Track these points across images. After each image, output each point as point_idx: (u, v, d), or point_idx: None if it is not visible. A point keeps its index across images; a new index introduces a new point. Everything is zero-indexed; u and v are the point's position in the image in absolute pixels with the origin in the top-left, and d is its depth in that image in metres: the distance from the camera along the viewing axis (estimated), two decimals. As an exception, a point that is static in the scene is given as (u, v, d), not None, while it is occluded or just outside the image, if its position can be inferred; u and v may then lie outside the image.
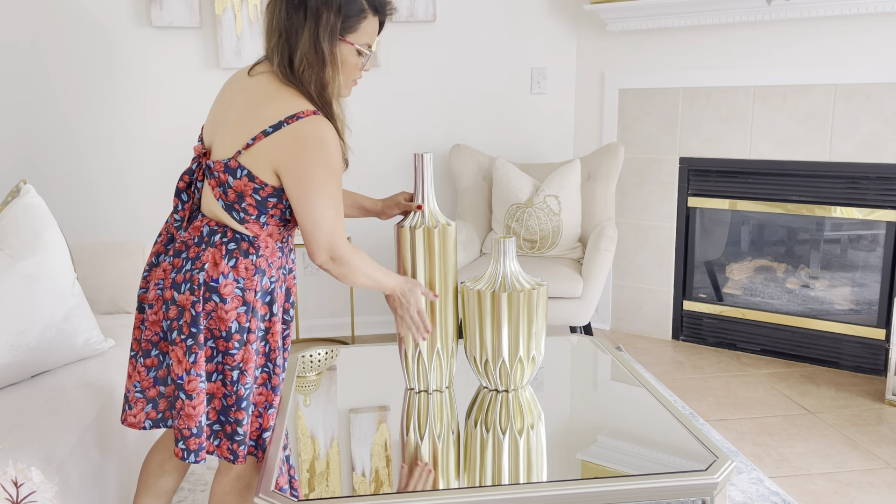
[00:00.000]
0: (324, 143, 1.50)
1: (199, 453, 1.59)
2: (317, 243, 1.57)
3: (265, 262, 1.60)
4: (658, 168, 3.73)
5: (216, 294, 1.55)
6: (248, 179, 1.53)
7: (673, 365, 3.50)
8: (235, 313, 1.56)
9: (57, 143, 3.56)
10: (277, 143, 1.50)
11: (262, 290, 1.60)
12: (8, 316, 1.90)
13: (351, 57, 1.58)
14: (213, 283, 1.55)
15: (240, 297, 1.56)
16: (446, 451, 1.64)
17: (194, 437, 1.58)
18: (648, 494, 1.48)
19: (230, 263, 1.56)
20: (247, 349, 1.58)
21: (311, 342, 3.85)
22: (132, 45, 3.53)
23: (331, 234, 1.57)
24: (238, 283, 1.56)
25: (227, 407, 1.59)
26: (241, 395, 1.58)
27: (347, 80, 1.61)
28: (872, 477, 2.49)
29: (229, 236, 1.58)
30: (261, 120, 1.51)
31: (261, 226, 1.58)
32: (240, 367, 1.58)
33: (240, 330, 1.57)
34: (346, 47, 1.56)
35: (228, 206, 1.57)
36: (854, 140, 3.23)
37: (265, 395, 1.65)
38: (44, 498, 1.08)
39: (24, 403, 1.86)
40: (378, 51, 3.69)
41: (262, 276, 1.60)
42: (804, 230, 3.58)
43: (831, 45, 3.23)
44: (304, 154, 1.49)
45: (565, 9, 3.86)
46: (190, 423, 1.57)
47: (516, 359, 1.83)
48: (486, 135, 3.91)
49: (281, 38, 1.53)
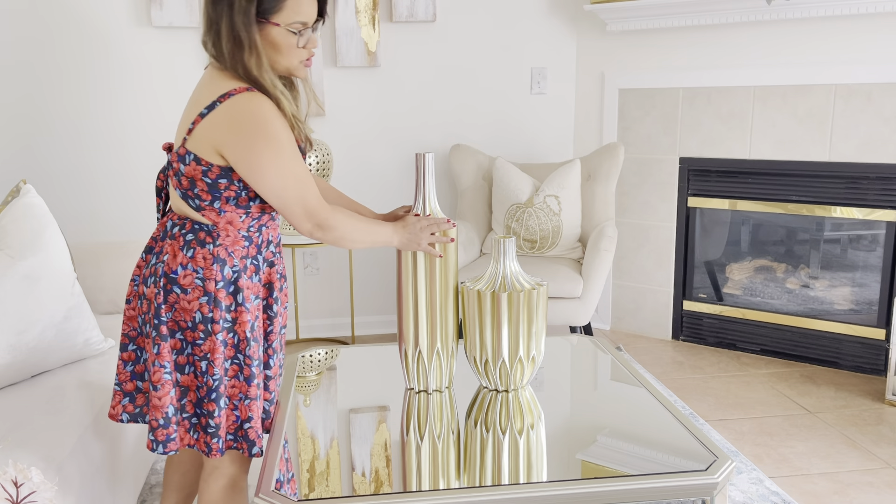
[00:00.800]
0: (258, 115, 1.50)
1: (167, 444, 1.61)
2: (291, 215, 1.57)
3: (224, 251, 1.60)
4: (658, 168, 3.73)
5: (176, 285, 1.57)
6: (195, 164, 1.54)
7: (673, 365, 3.50)
8: (198, 303, 1.57)
9: (57, 143, 3.56)
10: (214, 122, 1.51)
11: (224, 280, 1.59)
12: (8, 316, 1.90)
13: (282, 38, 1.55)
14: (173, 275, 1.57)
15: (200, 287, 1.57)
16: (446, 451, 1.64)
17: (161, 429, 1.60)
18: (648, 494, 1.47)
19: (188, 254, 1.58)
20: (212, 339, 1.58)
21: (311, 342, 3.85)
22: (132, 45, 3.53)
23: (302, 202, 1.56)
24: (197, 273, 1.57)
25: (201, 399, 1.61)
26: (210, 386, 1.59)
27: (290, 61, 1.58)
28: (872, 477, 2.49)
29: (188, 228, 1.59)
30: (198, 104, 1.54)
31: (217, 212, 1.58)
32: (207, 357, 1.59)
33: (203, 320, 1.58)
34: (273, 29, 1.54)
35: (185, 195, 1.58)
36: (854, 140, 3.23)
37: (238, 386, 1.64)
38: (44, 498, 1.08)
39: (24, 403, 1.86)
40: (378, 50, 3.69)
41: (223, 266, 1.59)
42: (804, 230, 3.58)
43: (831, 45, 3.23)
44: (241, 129, 1.50)
45: (565, 9, 3.86)
46: (157, 414, 1.60)
47: (516, 359, 1.83)
48: (486, 135, 3.91)
49: (211, 27, 1.55)
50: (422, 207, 1.81)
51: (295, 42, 1.56)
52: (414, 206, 1.84)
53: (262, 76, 1.53)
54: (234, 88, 1.51)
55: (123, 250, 2.66)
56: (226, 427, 1.64)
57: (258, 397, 1.66)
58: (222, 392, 1.61)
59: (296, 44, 1.57)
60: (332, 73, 3.72)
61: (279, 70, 1.59)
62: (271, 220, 1.69)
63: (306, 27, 1.56)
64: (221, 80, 1.54)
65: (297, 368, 2.12)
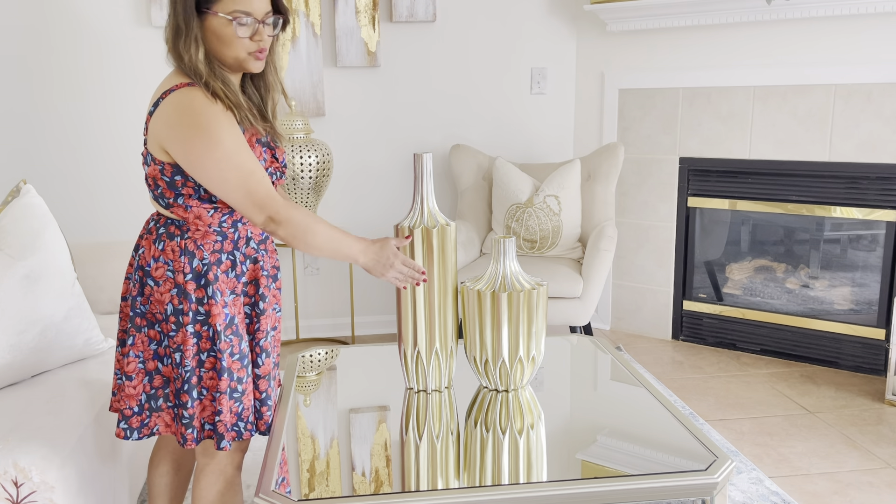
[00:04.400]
0: (192, 108, 1.51)
1: (141, 430, 1.67)
2: (240, 207, 1.55)
3: (193, 243, 1.61)
4: (658, 168, 3.73)
5: (150, 278, 1.62)
6: (153, 164, 1.58)
7: (673, 365, 3.50)
8: (169, 296, 1.61)
9: (57, 143, 3.56)
10: (157, 120, 1.54)
11: (192, 272, 1.61)
12: (8, 316, 1.90)
13: (224, 28, 1.54)
14: (147, 268, 1.62)
15: (171, 279, 1.61)
16: (446, 451, 1.64)
17: (136, 416, 1.66)
18: (648, 494, 1.47)
19: (159, 247, 1.61)
20: (183, 331, 1.60)
21: (311, 342, 3.85)
22: (132, 45, 3.53)
23: (247, 193, 1.54)
24: (168, 265, 1.61)
25: (178, 390, 1.64)
26: (183, 377, 1.62)
27: (237, 52, 1.56)
28: (872, 477, 2.49)
29: (161, 223, 1.64)
30: (150, 103, 1.58)
31: (184, 208, 1.60)
32: (179, 349, 1.61)
33: (174, 312, 1.61)
34: (214, 19, 1.54)
35: (153, 195, 1.62)
36: (854, 140, 3.23)
37: (214, 378, 1.64)
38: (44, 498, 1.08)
39: (24, 403, 1.86)
40: (378, 50, 3.69)
41: (192, 258, 1.61)
42: (804, 230, 3.58)
43: (831, 45, 3.23)
44: (177, 124, 1.52)
45: (565, 9, 3.86)
46: (132, 402, 1.66)
47: (516, 359, 1.83)
48: (486, 135, 3.91)
49: (168, 19, 1.58)
50: (420, 207, 1.81)
51: (235, 32, 1.54)
52: (413, 207, 1.84)
53: (197, 65, 1.53)
54: (176, 85, 1.54)
55: (123, 250, 2.66)
56: (200, 418, 1.65)
57: (232, 393, 1.66)
58: (194, 384, 1.63)
59: (237, 34, 1.54)
60: (332, 73, 3.72)
61: (228, 62, 1.58)
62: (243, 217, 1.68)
63: (249, 16, 1.54)
64: (171, 77, 1.58)
65: (297, 368, 2.12)
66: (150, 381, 1.67)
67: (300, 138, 3.41)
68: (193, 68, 1.54)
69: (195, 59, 1.54)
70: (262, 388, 1.75)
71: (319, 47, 3.66)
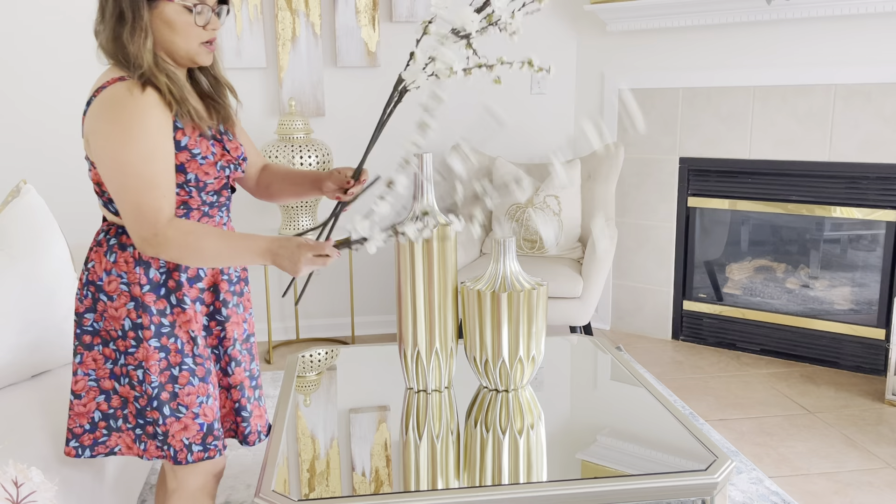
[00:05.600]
0: (118, 105, 1.39)
1: (95, 447, 1.58)
2: (126, 223, 1.43)
3: None
4: (658, 168, 3.73)
5: (103, 293, 1.51)
6: (93, 168, 1.47)
7: (673, 365, 3.50)
8: (125, 310, 1.50)
9: (57, 142, 3.56)
10: (88, 120, 1.44)
11: (150, 283, 1.50)
12: (8, 316, 1.90)
13: (177, 16, 1.43)
14: (99, 282, 1.51)
15: (126, 292, 1.50)
16: (446, 451, 1.63)
17: (87, 433, 1.57)
18: (648, 494, 1.48)
19: (111, 259, 1.50)
20: (144, 346, 1.50)
21: (311, 342, 3.85)
22: (132, 45, 3.53)
23: (136, 209, 1.40)
24: (121, 278, 1.50)
25: (142, 408, 1.53)
26: (150, 394, 1.51)
27: (189, 43, 1.45)
28: (872, 477, 2.49)
29: (112, 233, 1.52)
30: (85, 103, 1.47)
31: None
32: (141, 366, 1.50)
33: (133, 327, 1.50)
34: (167, 7, 1.42)
35: (100, 200, 1.52)
36: (854, 140, 3.23)
37: (194, 391, 1.54)
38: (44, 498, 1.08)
39: (24, 403, 1.86)
40: (378, 50, 3.69)
41: (147, 268, 1.50)
42: (804, 230, 3.58)
43: (831, 45, 3.23)
44: (99, 122, 1.41)
45: (565, 9, 3.86)
46: (81, 420, 1.57)
47: (516, 359, 1.83)
48: (486, 135, 3.91)
49: (103, 12, 1.44)
50: (420, 208, 1.81)
51: (192, 20, 1.44)
52: (412, 207, 1.84)
53: (139, 55, 1.40)
54: (108, 81, 1.42)
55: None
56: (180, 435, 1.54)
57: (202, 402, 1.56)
58: (165, 400, 1.52)
59: (192, 22, 1.44)
60: (332, 73, 3.72)
61: (179, 55, 1.47)
62: (204, 216, 1.55)
63: (203, 4, 1.44)
64: (105, 73, 1.46)
65: (297, 368, 2.12)
66: (108, 400, 1.56)
67: (300, 138, 3.41)
68: (136, 60, 1.40)
69: (142, 49, 1.40)
70: (236, 398, 1.66)
71: (319, 47, 3.66)
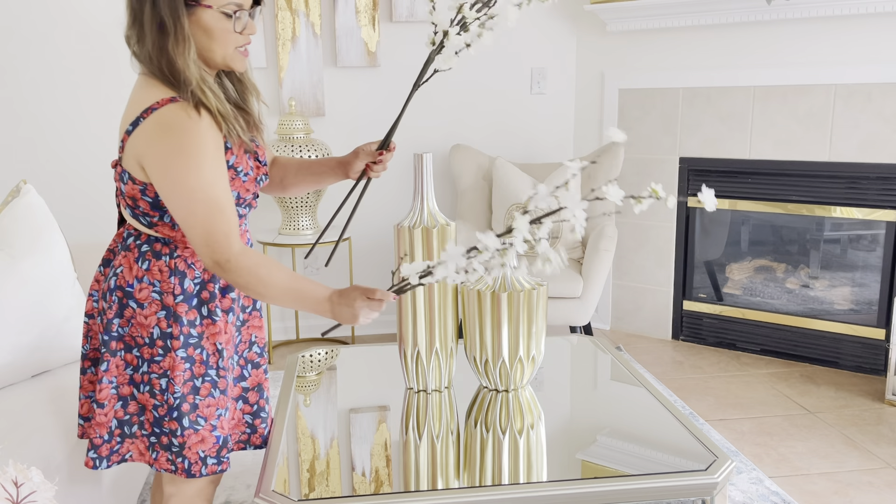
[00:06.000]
0: (177, 129, 1.37)
1: (110, 458, 1.53)
2: (194, 245, 1.41)
3: (183, 262, 1.49)
4: (658, 168, 3.73)
5: (132, 300, 1.48)
6: (132, 183, 1.44)
7: (673, 365, 3.50)
8: (155, 318, 1.48)
9: (57, 142, 3.56)
10: (137, 139, 1.40)
11: (184, 293, 1.48)
12: (8, 316, 1.90)
13: (216, 22, 1.40)
14: (129, 289, 1.48)
15: (158, 301, 1.48)
16: (446, 451, 1.63)
17: (105, 444, 1.52)
18: (648, 494, 1.47)
19: (143, 266, 1.48)
20: (171, 356, 1.48)
21: (311, 342, 3.85)
22: (132, 45, 3.53)
23: (206, 234, 1.39)
24: (154, 286, 1.48)
25: (160, 417, 1.50)
26: (171, 404, 1.49)
27: (225, 49, 1.43)
28: (872, 477, 2.49)
29: (143, 239, 1.49)
30: (126, 118, 1.43)
31: (170, 226, 1.47)
32: (167, 374, 1.48)
33: (162, 336, 1.48)
34: (205, 13, 1.39)
35: (133, 213, 1.48)
36: (854, 140, 3.23)
37: (213, 403, 1.53)
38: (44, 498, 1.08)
39: (24, 403, 1.86)
40: (378, 50, 3.69)
41: (182, 278, 1.48)
42: (804, 230, 3.58)
43: (831, 45, 3.23)
44: (158, 146, 1.38)
45: (565, 9, 3.86)
46: (101, 430, 1.51)
47: (516, 359, 1.83)
48: (486, 135, 3.91)
49: (135, 21, 1.41)
50: (420, 207, 1.81)
51: (230, 26, 1.42)
52: (413, 207, 1.83)
53: (188, 68, 1.38)
54: (157, 101, 1.38)
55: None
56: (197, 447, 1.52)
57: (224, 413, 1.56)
58: (186, 411, 1.50)
59: (231, 28, 1.42)
60: (332, 73, 3.72)
61: (215, 61, 1.45)
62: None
63: (241, 9, 1.42)
64: (148, 89, 1.41)
65: (297, 368, 2.12)
66: (124, 406, 1.53)
67: (300, 138, 3.41)
68: (185, 75, 1.38)
69: (188, 61, 1.38)
70: (253, 401, 1.66)
71: (319, 47, 3.66)
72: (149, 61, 1.41)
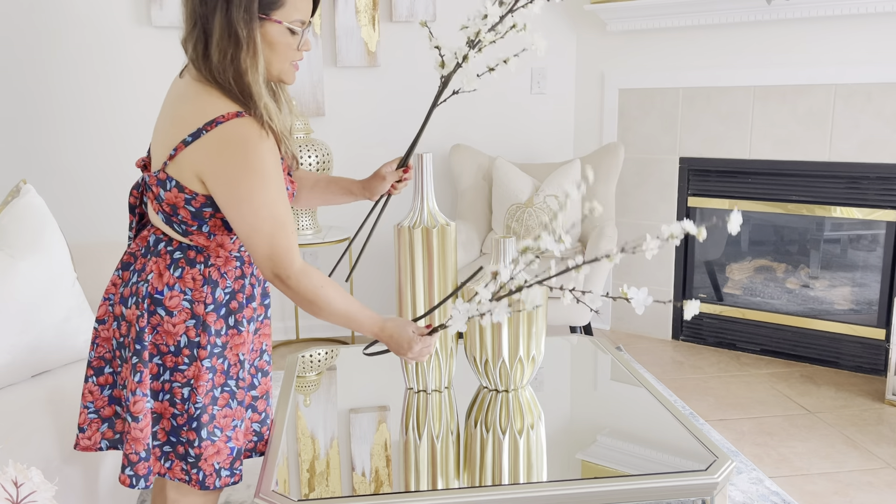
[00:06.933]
0: (247, 146, 1.36)
1: (147, 478, 1.49)
2: (256, 258, 1.42)
3: (217, 271, 1.48)
4: (658, 168, 3.73)
5: (161, 307, 1.45)
6: (177, 191, 1.41)
7: (673, 365, 3.50)
8: (184, 327, 1.46)
9: (56, 142, 3.56)
10: (198, 151, 1.37)
11: (215, 303, 1.48)
12: (8, 316, 1.90)
13: (281, 37, 1.41)
14: (158, 296, 1.45)
15: (188, 309, 1.46)
16: (446, 451, 1.63)
17: (143, 462, 1.48)
18: (648, 494, 1.47)
19: (176, 274, 1.46)
20: (197, 365, 1.47)
21: (311, 342, 3.85)
22: (132, 45, 3.53)
23: (270, 249, 1.41)
24: (185, 294, 1.46)
25: (178, 427, 1.49)
26: (191, 413, 1.47)
27: (283, 63, 1.44)
28: (872, 477, 2.49)
29: (175, 245, 1.47)
30: (181, 127, 1.39)
31: (206, 236, 1.46)
32: (190, 383, 1.47)
33: (189, 344, 1.46)
34: (273, 27, 1.39)
35: (167, 220, 1.46)
36: (854, 140, 3.23)
37: (230, 414, 1.53)
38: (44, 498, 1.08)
39: (24, 403, 1.86)
40: (378, 50, 3.69)
41: (215, 288, 1.48)
42: (804, 230, 3.58)
43: (831, 45, 3.23)
44: (226, 161, 1.37)
45: (565, 9, 3.86)
46: (137, 446, 1.47)
47: (516, 359, 1.83)
48: (486, 135, 3.91)
49: (196, 27, 1.38)
50: (420, 207, 1.81)
51: (293, 43, 1.43)
52: (413, 207, 1.83)
53: (255, 83, 1.38)
54: (223, 115, 1.36)
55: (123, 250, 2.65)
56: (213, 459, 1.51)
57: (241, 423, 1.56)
58: (205, 422, 1.48)
59: (294, 44, 1.43)
60: (332, 73, 3.72)
61: (272, 74, 1.45)
62: None
63: (304, 26, 1.43)
64: (206, 98, 1.39)
65: (297, 368, 2.12)
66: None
67: (300, 138, 3.41)
68: (252, 89, 1.37)
69: (256, 75, 1.37)
70: (261, 409, 1.66)
71: (319, 47, 3.66)
72: (211, 70, 1.38)
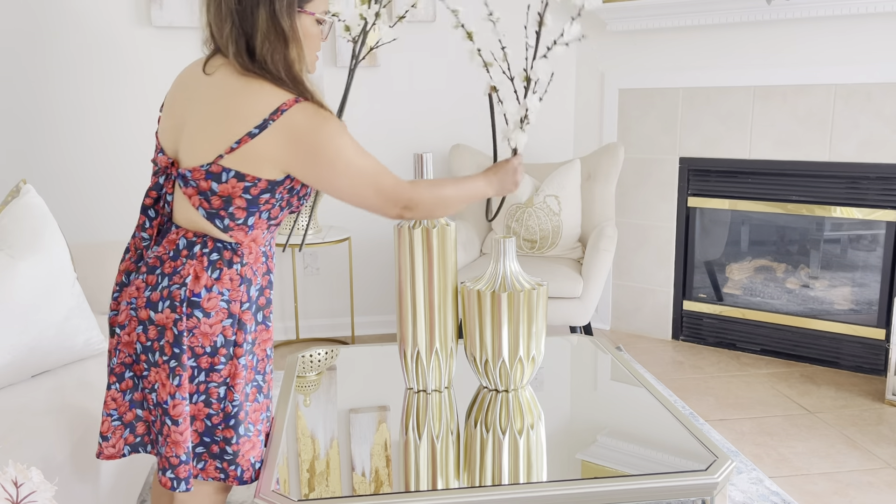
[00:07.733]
0: (319, 121, 1.42)
1: (188, 481, 1.49)
2: (374, 208, 1.51)
3: (250, 270, 1.51)
4: (658, 168, 3.73)
5: (198, 309, 1.45)
6: (236, 181, 1.42)
7: (673, 365, 3.50)
8: (221, 327, 1.46)
9: (56, 143, 3.56)
10: (270, 142, 1.39)
11: (250, 301, 1.50)
12: (8, 316, 1.90)
13: (312, 28, 1.48)
14: (195, 298, 1.45)
15: (225, 309, 1.47)
16: (446, 451, 1.63)
17: (184, 465, 1.47)
18: (648, 494, 1.47)
19: (213, 275, 1.46)
20: (233, 364, 1.48)
21: (311, 342, 3.85)
22: (132, 45, 3.53)
23: (382, 194, 1.50)
24: (223, 295, 1.47)
25: (213, 426, 1.50)
26: (228, 412, 1.49)
27: (311, 54, 1.51)
28: (872, 477, 2.49)
29: (210, 246, 1.47)
30: (239, 120, 1.40)
31: (246, 231, 1.48)
32: (226, 382, 1.48)
33: (226, 344, 1.47)
34: (306, 18, 1.46)
35: (211, 214, 1.46)
36: (854, 140, 3.23)
37: (259, 408, 1.57)
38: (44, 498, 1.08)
39: (24, 403, 1.86)
40: (378, 50, 3.69)
41: (249, 286, 1.50)
42: (804, 230, 3.58)
43: (831, 45, 3.23)
44: (306, 140, 1.40)
45: (565, 9, 3.86)
46: (178, 450, 1.46)
47: (516, 359, 1.83)
48: (487, 135, 3.91)
49: (234, 24, 1.40)
50: None
51: (320, 33, 1.51)
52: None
53: (302, 73, 1.45)
54: (284, 103, 1.40)
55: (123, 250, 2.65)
56: (249, 454, 1.54)
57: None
58: (241, 419, 1.50)
59: (320, 34, 1.51)
60: (332, 73, 3.72)
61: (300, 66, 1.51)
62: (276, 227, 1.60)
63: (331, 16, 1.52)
64: (258, 89, 1.41)
65: (297, 368, 2.12)
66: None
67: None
68: (297, 77, 1.44)
69: (302, 66, 1.45)
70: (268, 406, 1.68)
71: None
72: (261, 64, 1.42)
